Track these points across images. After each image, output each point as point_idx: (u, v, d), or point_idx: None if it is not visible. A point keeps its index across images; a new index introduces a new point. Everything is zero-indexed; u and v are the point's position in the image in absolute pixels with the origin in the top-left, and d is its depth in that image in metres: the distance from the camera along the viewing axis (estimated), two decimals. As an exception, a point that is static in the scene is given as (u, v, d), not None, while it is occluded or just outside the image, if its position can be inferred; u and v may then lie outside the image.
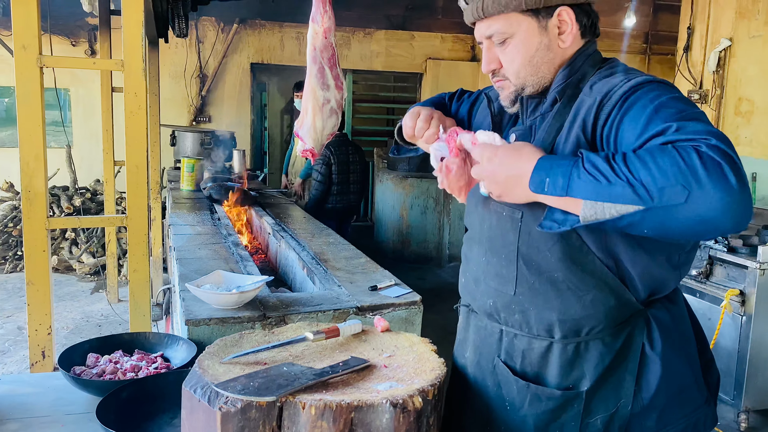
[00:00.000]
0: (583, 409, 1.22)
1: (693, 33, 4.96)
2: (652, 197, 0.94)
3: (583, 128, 1.17)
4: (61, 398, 1.59)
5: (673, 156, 0.94)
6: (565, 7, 1.23)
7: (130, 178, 2.39)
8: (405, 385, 1.18)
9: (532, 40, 1.24)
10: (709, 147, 0.94)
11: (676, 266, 1.24)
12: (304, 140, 1.75)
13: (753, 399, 3.31)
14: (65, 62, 2.57)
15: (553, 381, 1.25)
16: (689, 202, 0.93)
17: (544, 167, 1.06)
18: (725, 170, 0.92)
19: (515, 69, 1.27)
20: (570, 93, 1.25)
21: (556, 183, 1.03)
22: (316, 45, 1.73)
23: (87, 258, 6.15)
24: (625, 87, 1.13)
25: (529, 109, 1.32)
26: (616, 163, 0.98)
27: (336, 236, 3.08)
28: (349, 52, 8.18)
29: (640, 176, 0.95)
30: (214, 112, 7.94)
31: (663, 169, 0.94)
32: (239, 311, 1.82)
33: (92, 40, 7.31)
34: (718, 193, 0.91)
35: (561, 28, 1.25)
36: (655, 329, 1.23)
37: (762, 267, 3.19)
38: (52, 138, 7.09)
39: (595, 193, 0.99)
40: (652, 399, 1.22)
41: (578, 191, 1.01)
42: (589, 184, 0.99)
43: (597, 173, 0.99)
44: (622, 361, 1.22)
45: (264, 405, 1.08)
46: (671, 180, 0.93)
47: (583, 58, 1.27)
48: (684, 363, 1.26)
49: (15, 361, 4.16)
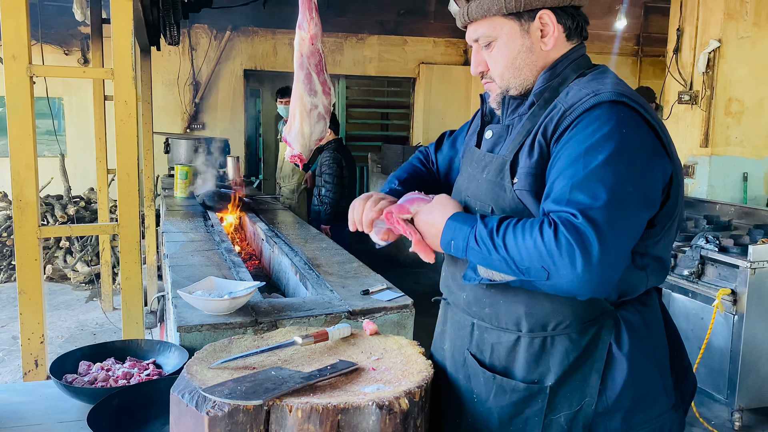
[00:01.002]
0: (546, 404, 1.23)
1: (682, 35, 4.98)
2: (522, 272, 1.13)
3: (544, 134, 1.22)
4: (53, 406, 1.59)
5: (536, 239, 1.10)
6: (546, 11, 1.26)
7: (122, 186, 2.40)
8: (392, 387, 1.20)
9: (515, 42, 1.28)
10: (571, 227, 1.08)
11: (641, 267, 1.24)
12: (292, 145, 1.77)
13: (746, 398, 3.32)
14: (55, 72, 2.58)
15: (519, 375, 1.26)
16: (550, 279, 1.10)
17: (451, 228, 1.23)
18: (576, 255, 1.06)
19: (499, 71, 1.31)
20: (547, 96, 1.27)
21: (458, 246, 1.21)
22: (303, 51, 1.74)
23: (81, 267, 6.15)
24: (587, 104, 1.18)
25: (509, 108, 1.35)
26: (498, 237, 1.14)
27: (329, 242, 3.09)
28: (342, 58, 8.20)
29: (512, 254, 1.13)
30: (208, 119, 7.95)
31: (529, 251, 1.10)
32: (231, 317, 1.83)
33: (85, 48, 7.32)
34: (569, 275, 1.08)
35: (543, 31, 1.27)
36: (623, 330, 1.23)
37: (753, 266, 3.21)
38: (45, 147, 7.09)
39: (483, 261, 1.19)
40: (617, 399, 1.23)
41: (472, 257, 1.20)
42: (478, 253, 1.18)
43: (483, 245, 1.16)
44: (588, 358, 1.23)
45: (251, 409, 1.09)
46: (535, 261, 1.10)
47: (567, 62, 1.29)
48: (652, 366, 1.27)
49: (10, 371, 4.15)
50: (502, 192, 1.26)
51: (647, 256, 1.24)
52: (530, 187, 1.22)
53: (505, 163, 1.26)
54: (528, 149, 1.24)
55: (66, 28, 7.09)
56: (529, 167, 1.22)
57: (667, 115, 5.14)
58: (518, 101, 1.33)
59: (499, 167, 1.28)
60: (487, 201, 1.29)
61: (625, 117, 1.16)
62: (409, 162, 1.66)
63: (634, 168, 1.13)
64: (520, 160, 1.25)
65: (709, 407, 3.57)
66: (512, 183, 1.24)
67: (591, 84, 1.23)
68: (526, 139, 1.25)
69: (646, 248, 1.23)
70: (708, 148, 4.85)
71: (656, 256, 1.26)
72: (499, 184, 1.26)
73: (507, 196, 1.25)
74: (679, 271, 3.55)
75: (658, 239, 1.24)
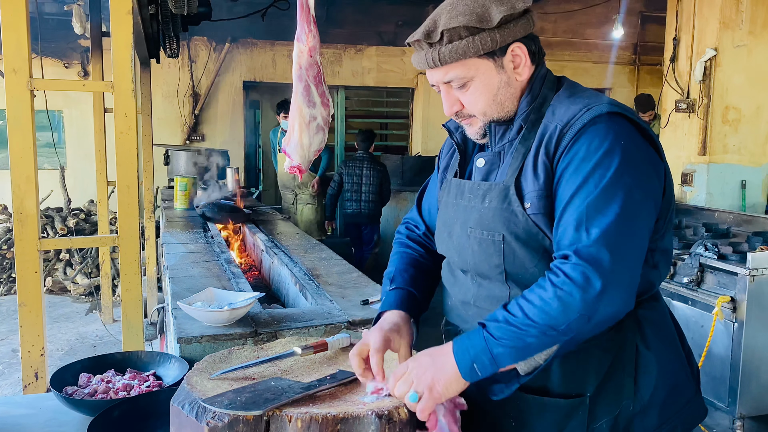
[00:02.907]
0: (588, 415, 1.24)
1: (679, 43, 5.01)
2: (565, 332, 1.11)
3: (546, 154, 1.23)
4: (53, 419, 1.59)
5: (557, 291, 1.11)
6: (517, 43, 1.27)
7: (122, 198, 2.41)
8: (391, 397, 1.20)
9: (492, 80, 1.27)
10: (584, 262, 1.11)
11: (654, 265, 1.28)
12: (292, 157, 1.78)
13: (747, 405, 3.32)
14: (56, 85, 2.59)
15: (556, 391, 1.26)
16: (592, 319, 1.11)
17: (462, 356, 1.16)
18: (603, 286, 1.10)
19: (481, 108, 1.30)
20: (534, 118, 1.29)
21: (484, 364, 1.14)
22: (302, 63, 1.76)
23: (81, 279, 6.15)
24: (584, 119, 1.20)
25: (497, 135, 1.35)
26: (517, 318, 1.13)
27: (329, 252, 3.10)
28: (340, 69, 8.24)
29: (545, 321, 1.11)
30: (208, 130, 7.97)
31: (558, 306, 1.11)
32: (231, 328, 1.83)
33: (85, 61, 7.36)
34: (609, 306, 1.12)
35: (515, 62, 1.28)
36: (646, 328, 1.27)
37: (752, 273, 3.21)
38: (45, 159, 7.11)
39: (519, 355, 1.14)
40: (652, 396, 1.26)
41: (505, 361, 1.14)
42: (510, 350, 1.13)
43: (509, 339, 1.12)
44: (620, 362, 1.25)
45: (251, 419, 1.09)
46: (571, 312, 1.10)
47: (540, 81, 1.31)
48: (675, 357, 1.32)
49: (10, 383, 4.15)
50: (513, 217, 1.25)
51: (657, 252, 1.28)
52: (545, 209, 1.23)
53: (508, 188, 1.26)
54: (531, 172, 1.24)
55: (66, 42, 7.13)
56: (539, 190, 1.23)
57: (664, 124, 5.16)
58: (504, 127, 1.34)
59: (502, 194, 1.27)
60: (496, 228, 1.27)
61: (620, 129, 1.20)
62: (394, 252, 1.59)
63: (640, 177, 1.18)
64: (524, 184, 1.25)
65: (711, 415, 3.56)
66: (523, 207, 1.24)
67: (576, 99, 1.26)
68: (525, 162, 1.26)
69: (655, 244, 1.27)
70: (706, 156, 4.86)
71: (664, 249, 1.30)
72: (507, 209, 1.25)
73: (520, 220, 1.24)
74: (679, 278, 3.55)
75: (663, 232, 1.28)
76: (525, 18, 1.27)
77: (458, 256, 1.37)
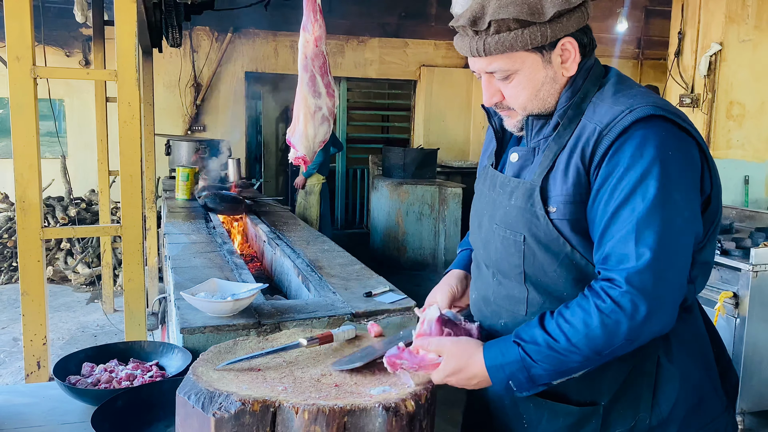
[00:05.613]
0: (601, 424, 1.21)
1: (684, 38, 4.99)
2: (608, 355, 1.12)
3: (581, 157, 1.17)
4: (56, 408, 1.59)
5: (602, 316, 1.10)
6: (568, 38, 1.19)
7: (125, 188, 2.40)
8: (398, 390, 1.19)
9: (538, 74, 1.21)
10: (631, 287, 1.08)
11: (690, 281, 1.20)
12: (296, 147, 1.77)
13: (749, 401, 3.32)
14: (59, 73, 2.58)
15: (571, 397, 1.23)
16: (636, 342, 1.12)
17: (497, 372, 1.17)
18: (650, 309, 1.08)
19: (522, 103, 1.24)
20: (572, 114, 1.22)
21: (520, 381, 1.16)
22: (308, 53, 1.75)
23: (82, 268, 6.15)
24: (625, 122, 1.13)
25: (534, 130, 1.29)
26: (560, 342, 1.12)
27: (331, 243, 3.09)
28: (343, 60, 8.21)
29: (590, 349, 1.11)
30: (209, 121, 7.95)
31: (602, 334, 1.10)
32: (234, 319, 1.83)
33: (86, 50, 7.33)
34: (652, 326, 1.10)
35: (563, 56, 1.21)
36: (671, 342, 1.21)
37: (755, 269, 3.21)
38: (46, 148, 7.09)
39: (558, 376, 1.15)
40: (672, 411, 1.20)
41: (545, 380, 1.16)
42: (548, 371, 1.14)
43: (548, 361, 1.12)
44: (639, 374, 1.20)
45: (257, 410, 1.09)
46: (616, 338, 1.10)
47: (584, 74, 1.23)
48: (702, 373, 1.25)
49: (11, 372, 4.15)
50: (534, 219, 1.20)
51: (696, 265, 1.20)
52: (570, 215, 1.18)
53: (533, 189, 1.21)
54: (562, 173, 1.18)
55: (67, 30, 7.10)
56: (567, 195, 1.17)
57: (668, 118, 5.14)
58: (542, 121, 1.27)
59: (527, 193, 1.22)
60: (518, 229, 1.23)
61: (666, 135, 1.12)
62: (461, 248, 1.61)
63: (687, 191, 1.13)
64: (552, 185, 1.20)
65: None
66: (546, 211, 1.19)
67: (620, 98, 1.18)
68: (555, 163, 1.20)
69: (694, 257, 1.19)
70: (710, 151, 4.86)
71: (704, 261, 1.23)
72: (530, 210, 1.21)
73: (541, 223, 1.20)
74: (681, 274, 3.54)
75: (703, 245, 1.21)
76: (579, 11, 1.18)
77: (484, 249, 1.34)
